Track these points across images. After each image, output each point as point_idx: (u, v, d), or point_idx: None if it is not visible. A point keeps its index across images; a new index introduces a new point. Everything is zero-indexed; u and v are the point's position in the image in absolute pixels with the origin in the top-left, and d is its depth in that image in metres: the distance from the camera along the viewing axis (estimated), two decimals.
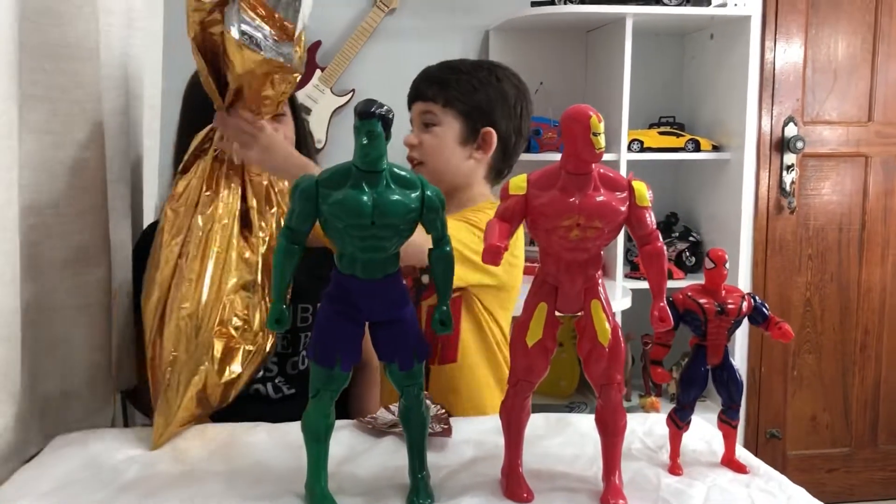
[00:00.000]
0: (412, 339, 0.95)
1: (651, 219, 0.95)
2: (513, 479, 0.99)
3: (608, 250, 2.42)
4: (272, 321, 0.91)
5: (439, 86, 1.50)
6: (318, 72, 2.46)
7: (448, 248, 0.95)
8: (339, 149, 2.50)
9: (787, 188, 2.76)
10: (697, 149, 2.41)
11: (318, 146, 2.47)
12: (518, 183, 0.95)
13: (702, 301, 1.03)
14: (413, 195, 0.91)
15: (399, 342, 0.95)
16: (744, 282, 2.64)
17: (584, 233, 0.92)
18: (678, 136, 2.42)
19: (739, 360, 2.77)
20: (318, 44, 2.47)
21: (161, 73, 1.87)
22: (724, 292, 1.04)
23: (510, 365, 1.00)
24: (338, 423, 1.19)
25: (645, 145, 2.39)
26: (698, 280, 2.44)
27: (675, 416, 1.07)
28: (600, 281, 0.98)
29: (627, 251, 2.65)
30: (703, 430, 1.17)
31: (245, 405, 1.47)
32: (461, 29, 2.58)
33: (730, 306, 1.03)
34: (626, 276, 2.47)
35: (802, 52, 2.74)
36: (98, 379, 1.34)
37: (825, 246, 2.85)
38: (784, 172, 2.76)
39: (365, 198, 0.89)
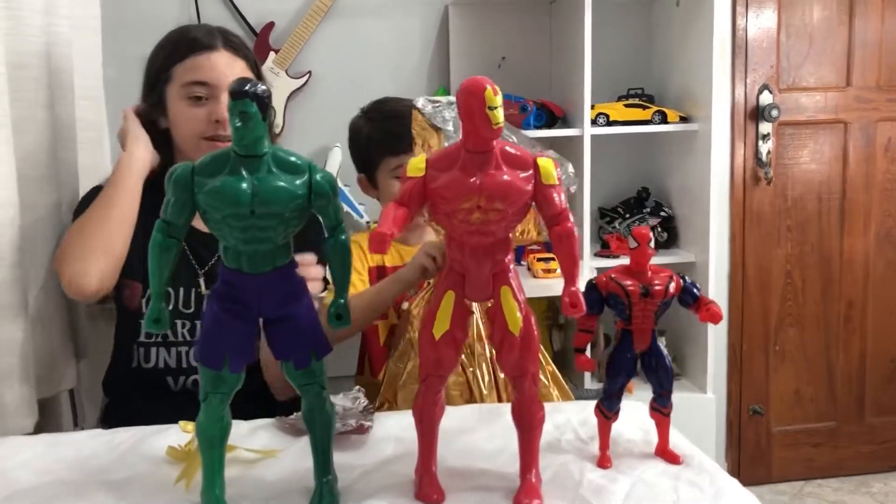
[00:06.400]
0: (308, 336, 0.89)
1: (560, 198, 0.88)
2: (425, 479, 0.93)
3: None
4: (150, 321, 0.85)
5: (408, 139, 1.53)
6: (272, 54, 2.38)
7: (343, 237, 0.88)
8: (297, 133, 2.43)
9: (764, 158, 2.67)
10: (664, 120, 2.32)
11: (276, 131, 2.39)
12: (416, 164, 0.88)
13: (625, 283, 0.97)
14: (299, 181, 0.84)
15: (294, 339, 0.88)
16: (718, 256, 2.56)
17: (486, 215, 0.86)
18: (644, 108, 2.33)
19: (719, 335, 2.70)
20: (271, 25, 2.39)
21: (101, 61, 1.80)
22: (650, 273, 0.98)
23: (419, 359, 0.94)
24: (257, 422, 1.15)
25: (611, 119, 2.31)
26: (671, 257, 2.38)
27: (602, 406, 1.01)
28: (511, 266, 0.92)
29: (600, 228, 2.58)
30: (641, 418, 1.11)
31: (172, 399, 1.42)
32: (419, 4, 2.48)
33: (656, 288, 0.97)
34: (596, 254, 2.40)
35: (776, 17, 2.65)
36: (10, 385, 1.29)
37: (805, 216, 2.77)
38: (760, 142, 2.67)
39: (244, 185, 0.82)
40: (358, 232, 1.83)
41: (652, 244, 0.97)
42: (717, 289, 2.44)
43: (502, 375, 1.38)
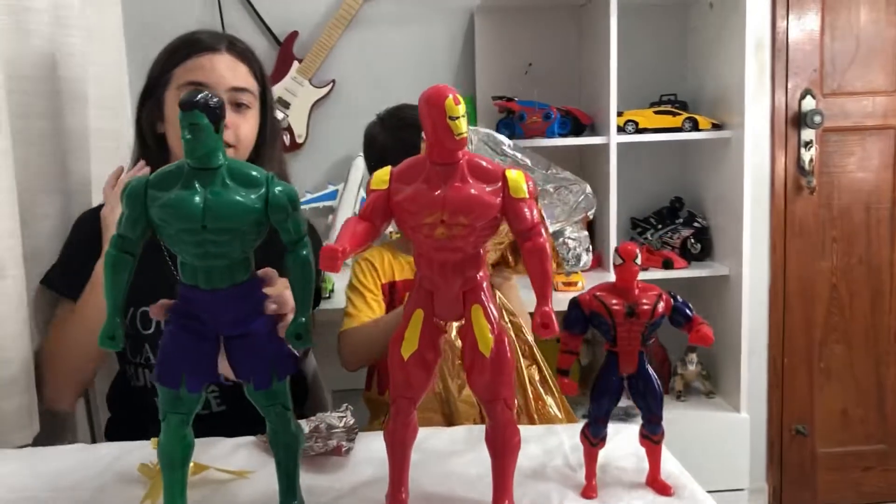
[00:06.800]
0: (268, 355, 0.85)
1: (531, 212, 0.83)
2: None
3: (602, 240, 2.27)
4: (104, 338, 0.82)
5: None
6: (295, 63, 2.38)
7: (304, 252, 0.84)
8: (321, 143, 2.41)
9: (806, 166, 2.56)
10: (695, 127, 2.23)
11: (299, 141, 2.39)
12: (381, 176, 0.84)
13: (610, 302, 0.91)
14: (255, 195, 0.81)
15: (254, 358, 0.85)
16: (756, 268, 2.45)
17: (451, 230, 0.81)
18: (675, 115, 2.25)
19: (756, 352, 2.58)
20: (294, 34, 2.39)
21: (124, 70, 1.81)
22: (637, 291, 0.92)
23: (390, 380, 0.89)
24: (238, 440, 1.12)
25: (640, 126, 2.23)
26: (704, 269, 2.27)
27: (587, 432, 0.95)
28: (484, 284, 0.87)
29: (631, 239, 2.50)
30: (636, 444, 1.04)
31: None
32: (444, 11, 2.45)
33: (642, 307, 0.90)
34: None
35: (819, 19, 2.53)
36: (9, 395, 1.28)
37: (851, 227, 2.64)
38: (802, 149, 2.56)
39: (196, 199, 0.79)
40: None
41: (638, 261, 0.91)
42: (752, 302, 2.32)
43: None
